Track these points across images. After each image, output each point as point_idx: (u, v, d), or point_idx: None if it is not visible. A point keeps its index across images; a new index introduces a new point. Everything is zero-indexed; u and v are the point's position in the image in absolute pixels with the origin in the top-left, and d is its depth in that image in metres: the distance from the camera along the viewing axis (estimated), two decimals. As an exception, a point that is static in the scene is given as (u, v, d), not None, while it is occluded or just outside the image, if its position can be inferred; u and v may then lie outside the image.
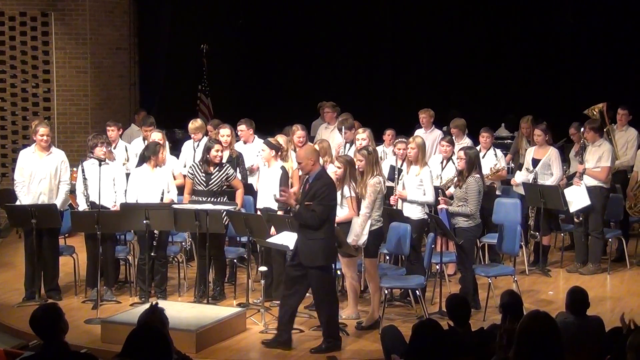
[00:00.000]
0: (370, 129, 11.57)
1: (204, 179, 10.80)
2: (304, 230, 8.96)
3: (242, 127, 12.38)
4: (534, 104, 16.32)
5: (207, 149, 10.92)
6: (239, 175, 11.41)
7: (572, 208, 11.87)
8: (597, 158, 11.90)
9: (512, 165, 13.63)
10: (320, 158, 10.66)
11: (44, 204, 10.74)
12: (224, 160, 11.19)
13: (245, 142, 12.46)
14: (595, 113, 12.76)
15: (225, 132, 11.82)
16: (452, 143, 11.87)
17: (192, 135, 12.63)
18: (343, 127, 12.61)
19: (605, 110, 12.82)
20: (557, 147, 12.62)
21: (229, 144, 11.76)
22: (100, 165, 10.15)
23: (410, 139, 10.90)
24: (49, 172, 10.88)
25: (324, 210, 8.87)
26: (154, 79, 17.17)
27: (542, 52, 18.61)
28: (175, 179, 11.31)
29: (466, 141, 12.84)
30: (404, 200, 10.66)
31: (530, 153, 12.44)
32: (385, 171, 11.24)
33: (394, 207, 10.78)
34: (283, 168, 10.82)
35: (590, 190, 11.83)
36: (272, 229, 10.12)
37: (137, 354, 4.86)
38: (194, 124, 12.75)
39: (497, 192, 12.32)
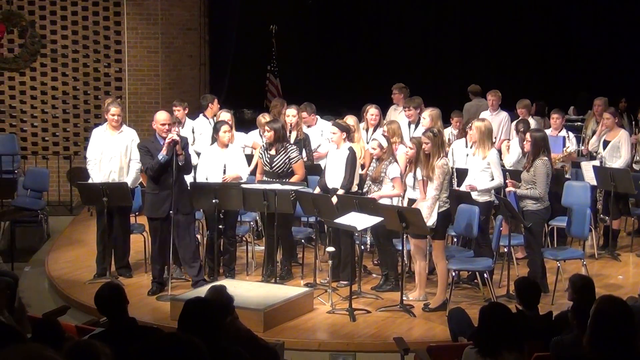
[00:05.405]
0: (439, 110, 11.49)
1: (268, 161, 10.84)
2: None
3: (303, 115, 12.36)
4: (607, 87, 16.11)
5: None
6: (304, 156, 11.38)
7: None
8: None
9: (582, 147, 13.46)
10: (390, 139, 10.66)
11: (115, 182, 10.87)
12: (292, 141, 11.21)
13: (309, 126, 12.47)
14: None
15: (290, 112, 11.82)
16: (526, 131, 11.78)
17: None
18: (409, 105, 12.42)
19: None
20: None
21: (295, 125, 11.76)
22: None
23: (470, 124, 10.82)
24: (119, 151, 11.02)
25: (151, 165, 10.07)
26: (223, 59, 17.24)
27: (613, 34, 18.36)
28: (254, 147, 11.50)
29: (531, 122, 12.72)
30: (474, 191, 10.44)
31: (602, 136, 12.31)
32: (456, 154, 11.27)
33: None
34: (351, 149, 10.71)
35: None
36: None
37: (189, 329, 4.95)
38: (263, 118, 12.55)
39: (567, 176, 12.18)
